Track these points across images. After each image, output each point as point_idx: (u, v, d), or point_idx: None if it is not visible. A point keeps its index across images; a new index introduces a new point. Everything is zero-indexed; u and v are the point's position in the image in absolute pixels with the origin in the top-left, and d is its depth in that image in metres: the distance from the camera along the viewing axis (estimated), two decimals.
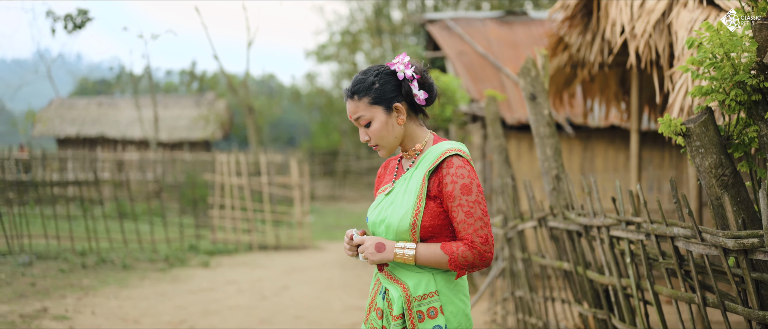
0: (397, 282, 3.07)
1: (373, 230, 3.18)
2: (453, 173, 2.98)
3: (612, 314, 4.89)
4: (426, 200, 3.02)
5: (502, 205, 7.77)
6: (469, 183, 2.98)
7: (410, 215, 3.01)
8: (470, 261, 2.95)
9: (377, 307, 3.15)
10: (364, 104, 3.09)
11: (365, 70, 3.17)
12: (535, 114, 5.75)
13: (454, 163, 3.01)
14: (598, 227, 4.66)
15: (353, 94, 3.10)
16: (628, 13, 6.48)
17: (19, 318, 8.49)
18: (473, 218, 2.95)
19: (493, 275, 8.05)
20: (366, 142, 3.13)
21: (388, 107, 3.10)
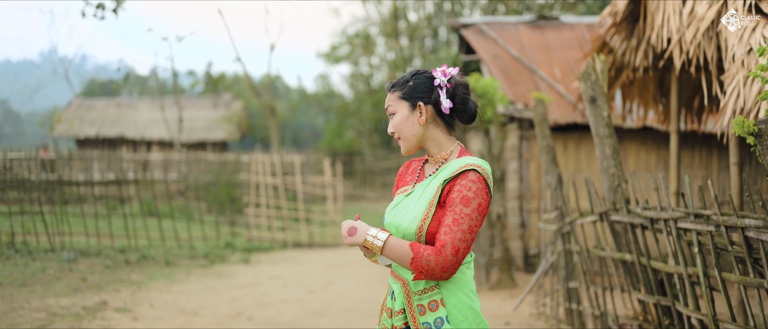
0: (398, 279, 3.19)
1: (391, 229, 3.24)
2: (462, 184, 3.05)
3: (676, 300, 5.28)
4: (436, 208, 3.09)
5: (548, 202, 8.17)
6: (472, 197, 3.03)
7: (419, 220, 3.09)
8: (431, 267, 2.98)
9: (387, 307, 3.27)
10: (395, 97, 3.26)
11: (411, 71, 3.31)
12: (595, 116, 6.15)
13: (467, 176, 3.07)
14: (666, 220, 5.05)
15: (392, 87, 3.30)
16: (677, 20, 6.87)
17: (82, 311, 8.89)
18: (458, 227, 2.98)
19: (542, 269, 8.44)
20: (391, 134, 3.28)
21: (413, 104, 3.21)
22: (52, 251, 12.73)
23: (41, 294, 9.57)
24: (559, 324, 7.79)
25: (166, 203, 20.37)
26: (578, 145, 12.34)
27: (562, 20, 14.82)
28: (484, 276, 11.35)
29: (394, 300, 3.20)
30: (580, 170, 12.20)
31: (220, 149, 34.61)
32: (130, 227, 15.62)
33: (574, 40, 14.17)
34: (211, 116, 35.06)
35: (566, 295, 7.53)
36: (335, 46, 39.03)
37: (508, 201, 12.77)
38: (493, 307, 9.62)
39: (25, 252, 12.29)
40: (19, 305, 8.83)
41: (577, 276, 7.09)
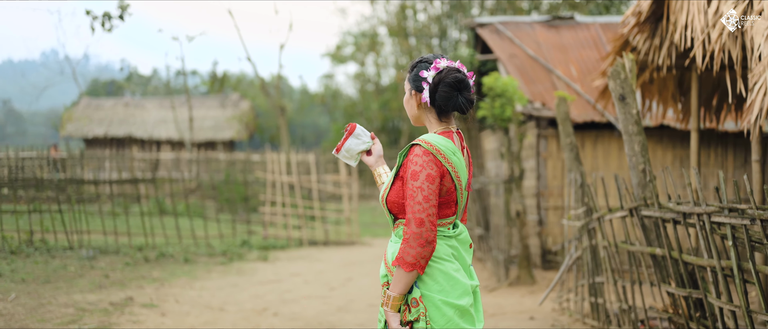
0: (384, 257, 3.56)
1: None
2: (410, 159, 3.37)
3: (708, 293, 5.41)
4: (394, 180, 3.45)
5: (572, 199, 8.30)
6: (418, 170, 3.29)
7: (387, 189, 3.49)
8: (411, 253, 3.25)
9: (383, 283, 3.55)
10: (406, 78, 3.65)
11: (420, 57, 3.62)
12: (625, 114, 6.29)
13: (413, 151, 3.39)
14: (699, 214, 5.18)
15: (409, 69, 3.62)
16: (701, 21, 7.00)
17: (110, 306, 9.03)
18: (413, 201, 3.25)
19: (566, 265, 8.57)
20: None
21: (412, 88, 3.57)
22: (70, 249, 12.87)
23: (66, 291, 9.71)
24: (584, 318, 7.92)
25: (181, 202, 20.52)
26: (595, 143, 12.47)
27: (578, 20, 14.95)
28: (503, 273, 11.47)
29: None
30: (597, 168, 12.33)
31: (228, 148, 34.77)
32: (148, 225, 15.77)
33: (589, 39, 14.29)
34: (219, 116, 35.21)
35: (591, 290, 7.66)
36: (340, 46, 39.17)
37: (526, 199, 12.90)
38: (514, 303, 9.75)
39: (44, 249, 12.43)
40: (47, 301, 8.96)
41: (604, 271, 7.22)
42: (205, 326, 8.36)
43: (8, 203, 15.82)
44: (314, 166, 18.27)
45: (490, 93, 11.24)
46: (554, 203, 12.63)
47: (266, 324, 8.59)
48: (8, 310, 8.30)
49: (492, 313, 9.04)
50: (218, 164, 26.41)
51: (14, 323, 7.78)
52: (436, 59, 3.51)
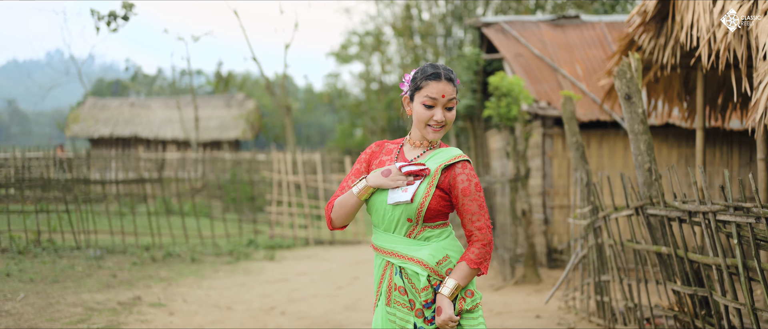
0: (412, 260, 3.51)
1: (378, 206, 3.60)
2: (469, 173, 3.55)
3: (713, 291, 5.44)
4: (436, 189, 3.52)
5: (577, 197, 8.34)
6: (478, 183, 3.56)
7: (421, 197, 3.49)
8: (486, 255, 3.53)
9: (398, 286, 3.54)
10: (455, 90, 3.61)
11: (448, 67, 3.64)
12: (630, 113, 6.32)
13: (467, 166, 3.57)
14: (705, 212, 5.21)
15: (451, 79, 3.59)
16: (707, 20, 7.03)
17: (118, 306, 9.08)
18: (483, 210, 3.52)
19: (572, 263, 8.60)
20: (438, 123, 3.58)
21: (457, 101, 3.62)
22: (77, 248, 12.93)
23: (74, 290, 9.75)
24: (590, 317, 7.95)
25: (187, 202, 20.59)
26: (601, 142, 12.50)
27: (583, 19, 14.99)
28: (509, 272, 11.51)
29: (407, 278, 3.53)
30: (603, 167, 12.37)
31: (234, 148, 34.84)
32: (154, 225, 15.84)
33: (595, 38, 14.32)
34: (224, 115, 35.29)
35: (597, 288, 7.70)
36: (345, 45, 39.20)
37: (532, 197, 12.93)
38: (520, 301, 9.79)
39: (52, 249, 12.47)
40: (55, 300, 9.01)
41: (610, 270, 7.25)
42: (213, 325, 8.42)
43: (15, 203, 15.90)
44: (320, 165, 18.36)
45: (496, 92, 11.28)
46: (560, 202, 12.67)
47: (274, 323, 8.64)
48: (17, 310, 8.34)
49: (498, 312, 9.08)
50: (224, 163, 26.47)
51: (23, 322, 7.83)
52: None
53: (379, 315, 3.61)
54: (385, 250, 3.59)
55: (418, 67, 3.70)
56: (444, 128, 3.61)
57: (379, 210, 3.59)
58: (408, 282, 3.53)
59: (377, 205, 3.60)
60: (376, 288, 3.67)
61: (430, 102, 3.55)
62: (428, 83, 3.57)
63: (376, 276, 3.67)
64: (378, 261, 3.67)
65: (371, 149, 3.82)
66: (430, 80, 3.57)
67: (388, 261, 3.60)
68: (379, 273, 3.65)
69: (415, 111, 3.63)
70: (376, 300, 3.65)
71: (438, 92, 3.55)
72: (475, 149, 18.84)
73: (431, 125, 3.58)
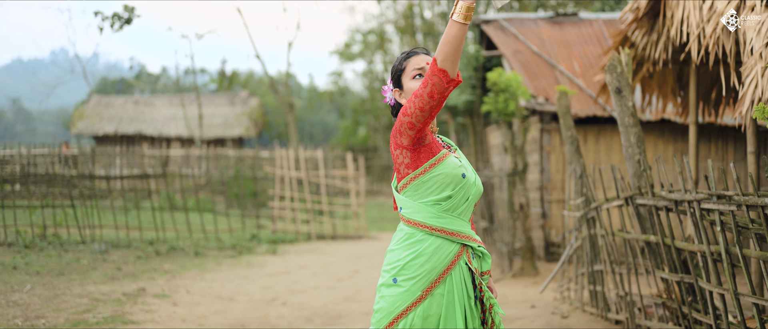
0: (483, 244, 3.62)
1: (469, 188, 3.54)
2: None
3: (699, 277, 5.63)
4: None
5: (572, 190, 8.53)
6: None
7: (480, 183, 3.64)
8: None
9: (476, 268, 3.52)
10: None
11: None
12: (621, 106, 6.51)
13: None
14: (690, 201, 5.40)
15: (428, 53, 3.62)
16: (696, 16, 7.21)
17: (123, 297, 9.29)
18: None
19: (566, 254, 8.80)
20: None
21: None
22: (82, 243, 13.15)
23: (80, 282, 9.97)
24: (584, 306, 8.15)
25: (191, 198, 20.80)
26: (598, 137, 12.69)
27: (581, 16, 15.17)
28: (507, 265, 11.70)
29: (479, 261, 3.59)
30: (599, 161, 12.56)
31: (237, 145, 35.07)
32: (158, 220, 16.06)
33: (592, 35, 14.51)
34: (228, 113, 35.52)
35: (590, 278, 7.89)
36: (348, 44, 39.40)
37: (530, 192, 13.12)
38: (517, 293, 9.98)
39: (57, 243, 12.70)
40: (61, 291, 9.22)
41: (602, 260, 7.45)
42: (216, 315, 8.62)
43: (21, 198, 16.10)
44: (322, 162, 18.56)
45: (494, 88, 11.46)
46: (557, 196, 12.86)
47: (275, 313, 8.84)
48: (24, 300, 8.56)
49: None
50: (227, 160, 26.70)
51: (31, 312, 8.04)
52: None
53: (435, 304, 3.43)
54: (463, 234, 3.50)
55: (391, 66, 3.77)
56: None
57: (468, 190, 3.54)
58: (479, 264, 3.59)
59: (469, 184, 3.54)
60: (437, 275, 3.44)
61: (419, 72, 3.56)
62: (410, 60, 3.62)
63: (442, 264, 3.45)
64: (449, 247, 3.47)
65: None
66: (411, 57, 3.62)
67: (464, 245, 3.51)
68: (449, 259, 3.46)
69: (409, 90, 3.57)
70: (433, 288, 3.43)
71: (423, 61, 3.58)
72: (474, 145, 19.03)
73: None
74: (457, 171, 3.50)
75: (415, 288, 3.43)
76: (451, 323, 3.42)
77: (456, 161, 3.54)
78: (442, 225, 3.47)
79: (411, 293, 3.43)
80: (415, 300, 3.42)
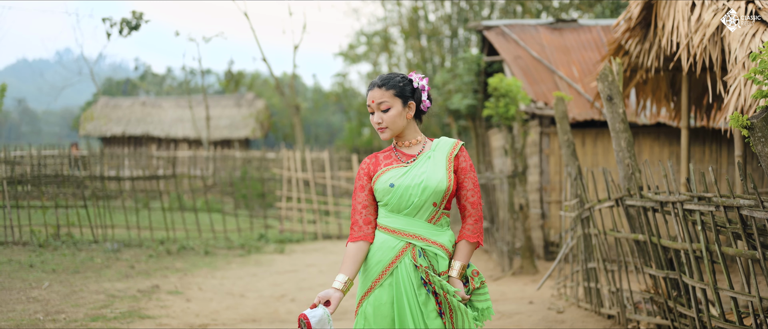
0: (436, 244, 3.84)
1: (403, 193, 3.86)
2: (466, 156, 3.99)
3: (682, 274, 6.01)
4: (453, 173, 3.93)
5: (568, 192, 8.92)
6: (473, 164, 4.02)
7: (447, 181, 3.86)
8: (477, 228, 3.96)
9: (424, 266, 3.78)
10: (389, 94, 3.88)
11: (391, 73, 3.97)
12: (612, 113, 6.90)
13: (464, 150, 4.01)
14: (674, 202, 5.79)
15: (382, 85, 3.90)
16: (685, 27, 7.59)
17: (138, 293, 9.67)
18: (477, 188, 3.97)
19: (563, 253, 9.18)
20: (377, 124, 3.91)
21: (405, 101, 3.93)
22: (95, 242, 13.49)
23: (95, 280, 10.33)
24: (579, 302, 8.53)
25: (200, 198, 21.15)
26: (595, 141, 13.05)
27: (580, 23, 15.55)
28: (507, 264, 12.06)
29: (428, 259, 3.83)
30: (597, 164, 12.91)
31: (244, 146, 35.38)
32: (168, 220, 16.44)
33: (591, 41, 14.88)
34: (234, 115, 35.83)
35: (585, 275, 8.27)
36: (353, 46, 39.68)
37: (530, 193, 13.49)
38: (516, 290, 10.35)
39: (70, 243, 13.02)
40: (78, 288, 9.58)
41: (596, 258, 7.83)
42: (228, 310, 8.99)
43: (33, 199, 16.46)
44: (328, 163, 18.94)
45: (495, 93, 11.82)
46: (556, 197, 13.22)
47: (284, 308, 9.21)
48: (43, 297, 8.91)
49: (495, 299, 9.64)
50: (234, 161, 27.05)
51: (51, 307, 8.39)
52: (410, 74, 4.07)
53: (386, 294, 3.82)
54: (407, 233, 3.85)
55: None
56: (388, 129, 3.92)
57: (408, 195, 3.86)
58: (430, 263, 3.83)
59: (404, 190, 3.86)
60: (383, 267, 3.84)
61: (369, 110, 3.97)
62: (366, 94, 4.00)
63: (387, 257, 3.85)
64: (394, 243, 3.86)
65: (366, 162, 4.08)
66: (368, 92, 3.97)
67: (409, 243, 3.85)
68: (390, 254, 3.84)
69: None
70: (380, 279, 3.83)
71: (370, 99, 3.92)
72: (476, 148, 19.35)
73: (376, 128, 3.94)
74: (386, 184, 3.90)
75: (367, 279, 3.89)
76: (401, 311, 3.81)
77: (391, 175, 3.94)
78: (386, 224, 3.91)
79: (364, 283, 3.90)
80: (367, 290, 3.87)
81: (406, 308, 3.79)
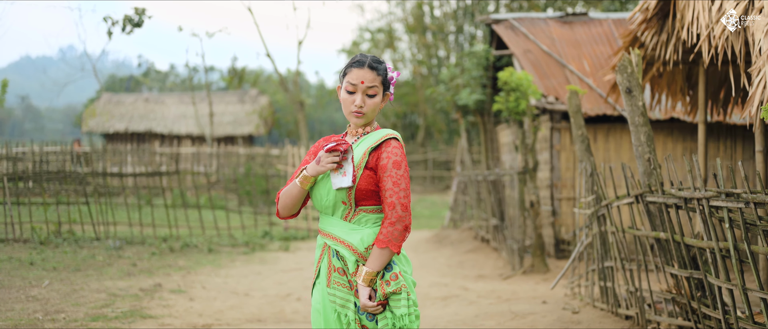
0: (343, 244, 3.64)
1: (317, 190, 3.74)
2: (389, 151, 3.65)
3: (708, 273, 5.76)
4: (364, 170, 3.63)
5: (582, 188, 8.66)
6: (399, 161, 3.64)
7: (349, 180, 3.61)
8: (397, 235, 3.60)
9: (337, 267, 3.65)
10: (379, 79, 3.70)
11: (376, 57, 3.75)
12: (631, 106, 6.64)
13: (391, 144, 3.69)
14: (699, 199, 5.53)
15: (374, 68, 3.70)
16: (706, 16, 7.33)
17: (140, 292, 9.44)
18: (398, 188, 3.60)
19: (577, 251, 8.93)
20: (358, 108, 3.68)
21: (385, 91, 3.78)
22: (97, 239, 13.27)
23: (97, 278, 10.10)
24: (594, 302, 8.28)
25: (203, 195, 20.96)
26: (607, 136, 12.81)
27: (591, 16, 15.29)
28: (517, 262, 11.83)
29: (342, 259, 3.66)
30: (609, 160, 12.68)
31: (247, 142, 35.25)
32: (171, 217, 16.22)
33: (602, 35, 14.62)
34: (238, 111, 35.69)
35: (601, 275, 8.02)
36: (357, 42, 39.52)
37: (540, 190, 13.25)
38: (528, 289, 10.11)
39: (72, 240, 12.81)
40: (79, 287, 9.35)
41: (613, 256, 7.58)
42: (232, 310, 8.77)
43: (35, 195, 16.27)
44: None
45: (505, 87, 11.59)
46: (567, 193, 12.98)
47: (290, 307, 8.99)
48: (43, 295, 8.69)
49: (507, 298, 9.40)
50: (238, 158, 26.88)
51: (50, 307, 8.17)
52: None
53: (318, 294, 3.74)
54: (325, 232, 3.73)
55: None
56: (365, 116, 3.72)
57: (319, 195, 3.72)
58: (344, 263, 3.66)
59: (318, 191, 3.73)
60: (315, 267, 3.80)
61: (350, 88, 3.70)
62: (351, 70, 3.72)
63: (316, 256, 3.80)
64: (320, 242, 3.79)
65: (318, 143, 3.94)
66: (353, 67, 3.71)
67: (325, 243, 3.75)
68: (318, 253, 3.78)
69: (341, 98, 3.79)
70: (315, 278, 3.79)
71: (358, 78, 3.67)
72: (485, 143, 19.14)
73: (353, 110, 3.70)
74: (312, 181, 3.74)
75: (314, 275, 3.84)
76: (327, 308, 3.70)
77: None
78: (319, 224, 3.82)
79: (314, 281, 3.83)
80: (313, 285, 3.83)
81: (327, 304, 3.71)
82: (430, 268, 12.53)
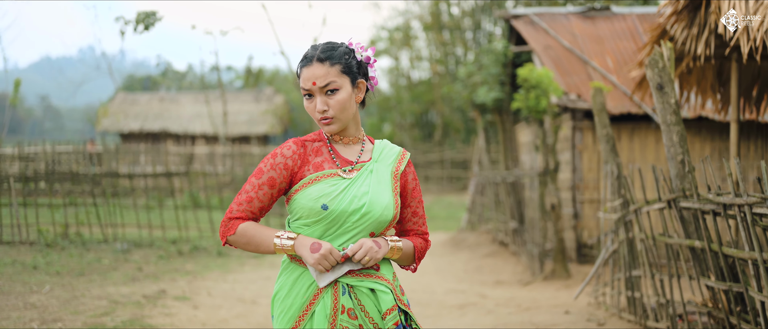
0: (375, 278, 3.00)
1: (336, 219, 2.97)
2: (413, 172, 3.15)
3: (749, 286, 5.27)
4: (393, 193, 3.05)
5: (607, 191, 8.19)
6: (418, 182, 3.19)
7: (394, 208, 3.01)
8: (423, 255, 3.20)
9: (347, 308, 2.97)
10: (335, 70, 3.00)
11: (330, 42, 3.10)
12: (663, 103, 6.16)
13: (411, 163, 3.17)
14: (740, 205, 5.04)
15: (325, 59, 3.00)
16: (743, 7, 6.84)
17: (142, 299, 9.06)
18: (423, 216, 3.17)
19: (602, 258, 8.45)
20: (322, 113, 3.00)
21: (353, 80, 3.05)
22: (105, 242, 12.98)
23: (100, 283, 9.77)
24: (621, 313, 7.79)
25: (215, 196, 20.61)
26: (632, 135, 12.34)
27: (614, 11, 14.77)
28: (538, 267, 11.38)
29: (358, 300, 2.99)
30: (633, 161, 12.20)
31: (262, 142, 34.96)
32: (182, 219, 15.85)
33: (626, 30, 14.12)
34: (253, 110, 35.42)
35: (628, 284, 7.54)
36: (374, 41, 39.21)
37: (562, 192, 12.77)
38: (549, 297, 9.65)
39: (79, 242, 12.57)
40: (80, 293, 9.02)
41: (641, 265, 7.10)
42: (237, 319, 8.38)
43: (44, 196, 15.99)
44: None
45: (525, 84, 11.16)
46: (590, 196, 12.51)
47: None
48: (42, 302, 8.37)
49: (526, 307, 8.94)
50: (252, 158, 26.52)
51: (48, 315, 7.84)
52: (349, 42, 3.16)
53: None
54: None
55: None
56: (335, 119, 3.02)
57: (336, 221, 2.97)
58: (358, 303, 2.98)
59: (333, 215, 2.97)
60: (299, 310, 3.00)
61: (305, 93, 3.06)
62: (301, 72, 3.06)
63: (302, 296, 3.00)
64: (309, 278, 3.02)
65: (292, 149, 3.07)
66: (302, 68, 3.05)
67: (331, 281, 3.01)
68: (311, 292, 3.00)
69: (304, 106, 3.08)
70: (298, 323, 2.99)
71: (309, 79, 3.00)
72: (504, 143, 18.71)
73: (318, 119, 3.02)
74: (317, 205, 2.97)
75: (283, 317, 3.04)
76: None
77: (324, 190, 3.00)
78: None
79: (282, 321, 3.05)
80: None
81: None
82: (447, 273, 12.07)
